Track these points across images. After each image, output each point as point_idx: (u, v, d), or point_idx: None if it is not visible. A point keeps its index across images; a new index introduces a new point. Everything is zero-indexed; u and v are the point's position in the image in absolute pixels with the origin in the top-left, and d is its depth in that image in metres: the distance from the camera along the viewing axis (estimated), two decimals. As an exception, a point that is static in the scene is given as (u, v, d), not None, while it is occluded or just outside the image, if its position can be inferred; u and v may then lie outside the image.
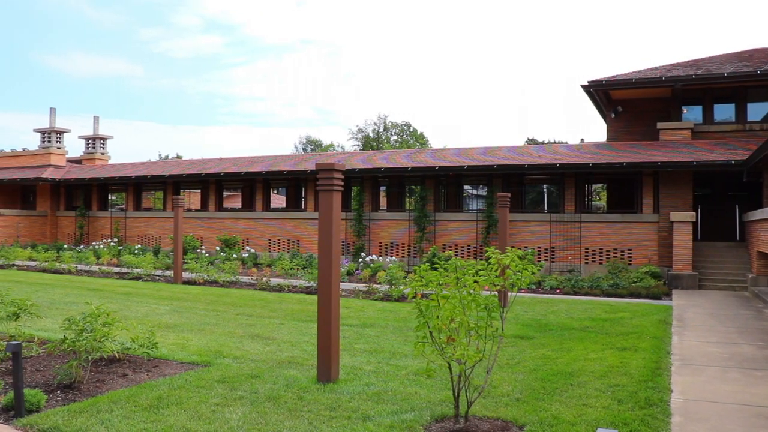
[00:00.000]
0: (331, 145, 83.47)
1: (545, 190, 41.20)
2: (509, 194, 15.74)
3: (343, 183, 7.62)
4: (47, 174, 33.97)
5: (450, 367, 5.87)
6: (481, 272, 5.81)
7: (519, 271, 5.79)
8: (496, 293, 5.92)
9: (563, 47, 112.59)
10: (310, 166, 26.86)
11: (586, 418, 6.11)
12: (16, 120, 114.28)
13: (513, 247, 14.35)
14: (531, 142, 66.14)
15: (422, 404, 6.52)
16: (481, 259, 22.24)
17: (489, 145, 26.88)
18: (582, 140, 32.78)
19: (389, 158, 27.05)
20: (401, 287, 15.63)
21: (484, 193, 28.05)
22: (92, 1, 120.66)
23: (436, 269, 5.91)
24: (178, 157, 70.85)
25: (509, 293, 8.42)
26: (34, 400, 6.22)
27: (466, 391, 5.86)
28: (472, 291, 5.62)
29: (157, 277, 20.39)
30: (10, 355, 6.68)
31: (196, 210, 32.31)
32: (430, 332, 5.69)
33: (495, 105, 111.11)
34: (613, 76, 23.20)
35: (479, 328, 5.61)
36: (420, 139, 79.52)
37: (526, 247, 21.91)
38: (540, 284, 18.49)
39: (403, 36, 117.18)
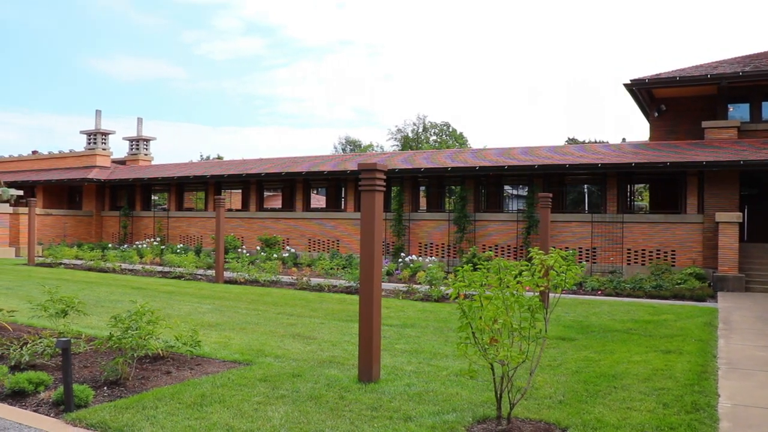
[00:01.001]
0: (371, 146, 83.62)
1: (586, 190, 40.76)
2: (551, 194, 15.62)
3: (385, 183, 7.62)
4: (93, 175, 34.62)
5: (492, 369, 5.84)
6: (524, 273, 5.76)
7: (563, 272, 5.74)
8: (538, 294, 5.85)
9: (604, 46, 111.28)
10: (350, 166, 26.94)
11: (631, 421, 6.03)
12: (64, 122, 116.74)
13: (553, 247, 14.20)
14: (571, 141, 65.47)
15: (464, 405, 6.49)
16: (521, 260, 22.07)
17: (529, 145, 26.67)
18: (623, 140, 32.37)
19: (429, 158, 27.01)
20: (441, 288, 15.74)
21: (525, 193, 27.85)
22: (137, 5, 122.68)
23: (478, 270, 5.88)
24: (219, 157, 71.64)
25: (550, 294, 8.32)
26: (82, 395, 6.33)
27: (508, 392, 5.82)
28: (515, 292, 5.58)
29: (199, 276, 20.63)
30: (60, 351, 6.83)
31: (237, 210, 32.63)
32: (473, 333, 5.67)
33: (534, 105, 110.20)
34: (657, 75, 22.84)
35: (523, 329, 5.57)
36: (459, 139, 79.25)
37: (566, 247, 21.69)
38: (581, 285, 18.29)
39: (443, 36, 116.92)
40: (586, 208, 36.20)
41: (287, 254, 26.14)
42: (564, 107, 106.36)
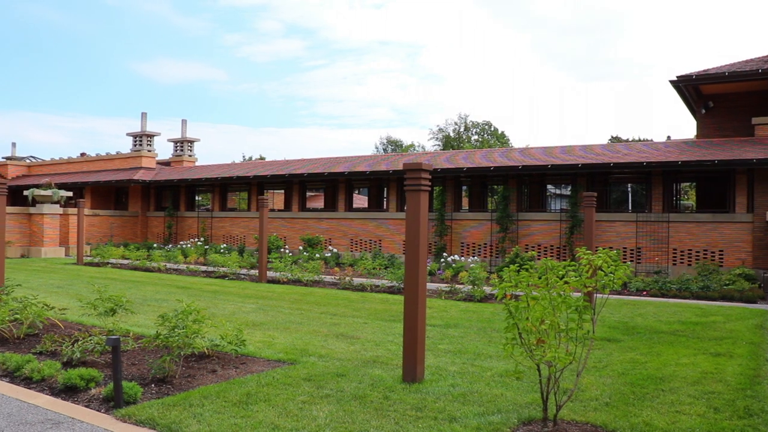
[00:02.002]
0: (412, 146, 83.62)
1: (629, 189, 40.20)
2: (595, 193, 15.42)
3: (430, 183, 7.61)
4: (139, 176, 35.23)
5: (539, 370, 5.79)
6: (571, 273, 5.70)
7: (611, 272, 5.66)
8: (583, 295, 5.78)
9: (649, 43, 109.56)
10: (391, 166, 26.97)
11: (680, 425, 5.92)
12: (110, 124, 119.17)
13: (597, 247, 13.95)
14: (615, 140, 64.63)
15: (509, 406, 6.44)
16: (564, 260, 21.83)
17: (572, 144, 26.39)
18: (668, 137, 31.79)
19: (471, 158, 26.90)
20: (484, 288, 15.66)
21: (568, 193, 27.58)
22: (179, 9, 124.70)
23: (526, 270, 5.83)
24: (261, 158, 72.31)
25: (597, 295, 8.22)
26: (131, 392, 6.45)
27: (555, 394, 5.77)
28: (561, 292, 5.52)
29: (242, 276, 20.83)
30: (110, 349, 6.96)
31: (279, 210, 32.89)
32: (520, 334, 5.63)
33: (576, 103, 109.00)
34: (704, 70, 22.39)
35: (570, 330, 5.51)
36: (501, 138, 78.83)
37: (610, 247, 21.34)
38: (626, 286, 18.01)
39: (483, 34, 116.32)
40: (630, 207, 35.69)
41: (329, 254, 26.25)
42: (607, 105, 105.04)
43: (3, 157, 47.79)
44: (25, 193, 32.29)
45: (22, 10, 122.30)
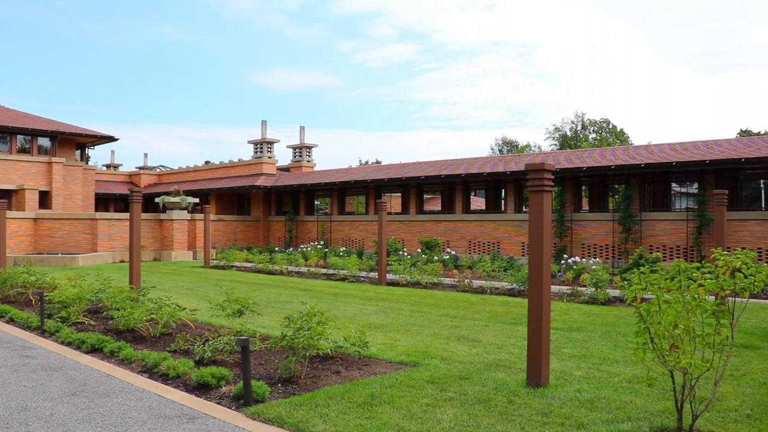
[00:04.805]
0: (528, 146, 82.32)
1: (762, 185, 37.92)
2: (726, 191, 14.65)
3: (553, 183, 7.44)
4: (260, 182, 36.39)
5: (672, 377, 5.52)
6: (706, 275, 5.40)
7: (752, 275, 5.33)
8: (720, 298, 5.45)
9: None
10: (508, 167, 26.64)
11: (832, 438, 5.50)
12: (231, 133, 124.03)
13: (728, 247, 13.25)
14: (744, 133, 61.25)
15: (639, 414, 6.18)
16: (692, 261, 20.88)
17: (696, 140, 25.20)
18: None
19: (590, 156, 26.20)
20: (607, 290, 15.17)
21: (694, 191, 26.35)
22: (294, 20, 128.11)
23: (655, 272, 5.58)
24: (377, 162, 73.07)
25: (732, 299, 7.77)
26: (259, 391, 6.63)
27: (690, 402, 5.48)
28: (696, 295, 5.25)
29: (362, 278, 21.08)
30: (239, 349, 7.19)
31: (397, 213, 33.13)
32: (651, 338, 5.38)
33: (700, 96, 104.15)
34: None
35: (706, 335, 5.22)
36: (620, 136, 76.33)
37: (743, 247, 20.12)
38: (763, 289, 16.95)
39: (598, 30, 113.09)
40: (763, 205, 33.68)
41: (447, 256, 26.18)
42: (734, 98, 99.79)
43: (136, 167, 50.70)
44: (156, 200, 33.97)
45: (154, 31, 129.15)
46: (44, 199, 36.29)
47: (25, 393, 7.16)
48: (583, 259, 22.97)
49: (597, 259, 23.69)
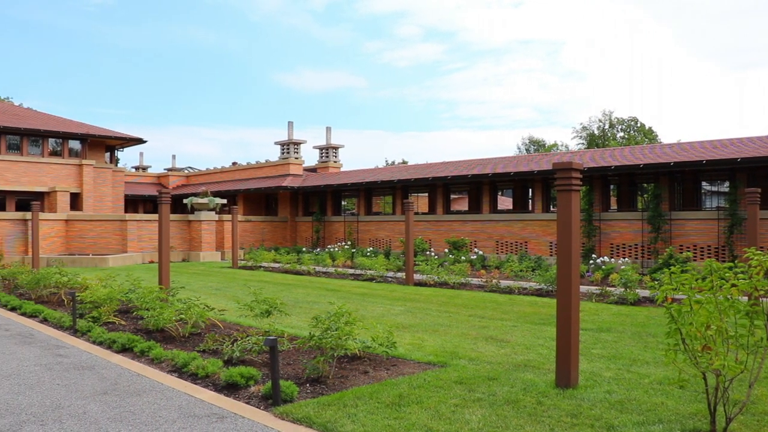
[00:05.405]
0: (555, 145, 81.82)
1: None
2: (759, 189, 14.42)
3: (581, 182, 7.38)
4: (287, 183, 36.57)
5: (705, 378, 5.45)
6: (739, 275, 5.32)
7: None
8: (753, 299, 5.36)
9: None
10: (535, 166, 26.48)
11: None
12: (258, 134, 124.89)
13: (762, 247, 13.02)
14: (778, 132, 60.31)
15: (670, 416, 6.10)
16: (724, 261, 20.60)
17: (727, 137, 24.83)
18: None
19: (620, 155, 25.94)
20: (637, 290, 15.01)
21: (725, 190, 25.98)
22: (319, 21, 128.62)
23: (686, 272, 5.51)
24: (404, 162, 73.08)
25: (764, 300, 7.65)
26: (288, 391, 6.66)
27: (724, 405, 5.40)
28: (729, 296, 5.17)
29: (389, 279, 21.08)
30: (268, 349, 7.22)
31: (424, 213, 33.10)
32: (682, 339, 5.31)
33: (730, 94, 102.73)
34: None
35: (740, 336, 5.14)
36: (649, 135, 75.57)
37: (777, 247, 19.95)
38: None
39: (626, 27, 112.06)
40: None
41: (475, 256, 26.10)
42: (764, 95, 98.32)
43: (164, 169, 51.19)
44: (185, 201, 34.27)
45: (182, 34, 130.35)
46: (75, 200, 36.81)
47: (58, 391, 7.26)
48: (612, 259, 22.76)
49: (626, 258, 23.46)
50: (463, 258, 25.25)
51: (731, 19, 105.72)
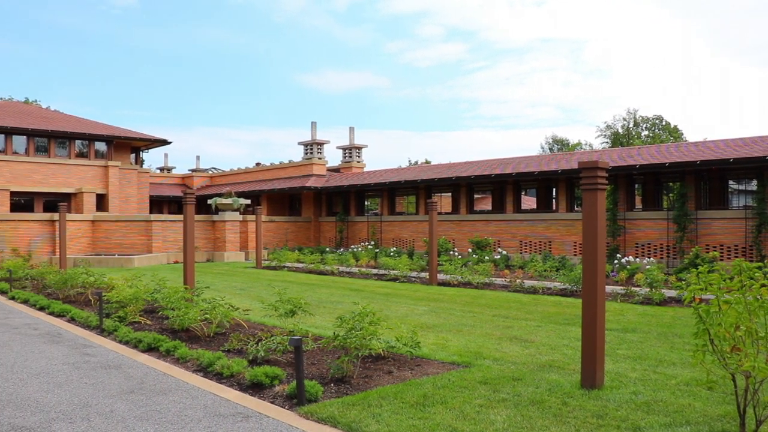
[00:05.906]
0: (579, 144, 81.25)
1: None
2: (788, 189, 14.21)
3: (607, 181, 7.32)
4: (310, 183, 36.67)
5: (734, 380, 5.38)
6: (769, 275, 5.24)
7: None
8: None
9: None
10: (559, 165, 26.33)
11: None
12: (281, 135, 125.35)
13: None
14: (807, 130, 59.40)
15: (698, 418, 6.04)
16: (752, 261, 20.33)
17: (753, 135, 24.50)
18: None
19: (645, 154, 25.71)
20: (663, 290, 14.86)
21: (753, 188, 25.65)
22: (341, 22, 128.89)
23: (713, 271, 5.44)
24: (427, 162, 72.95)
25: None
26: (312, 390, 6.67)
27: (754, 407, 5.33)
28: (758, 296, 5.09)
29: (413, 279, 21.06)
30: (292, 349, 7.25)
31: (447, 213, 33.04)
32: (711, 340, 5.25)
33: (757, 91, 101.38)
34: None
35: (771, 337, 5.06)
36: (674, 133, 74.78)
37: (806, 247, 19.63)
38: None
39: (650, 25, 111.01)
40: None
41: (498, 256, 26.00)
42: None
43: (189, 170, 51.57)
44: (209, 202, 34.48)
45: (205, 36, 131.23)
46: (101, 201, 37.21)
47: (86, 390, 7.34)
48: (637, 259, 22.55)
49: (651, 258, 23.26)
50: (486, 258, 25.16)
51: (759, 17, 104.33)
